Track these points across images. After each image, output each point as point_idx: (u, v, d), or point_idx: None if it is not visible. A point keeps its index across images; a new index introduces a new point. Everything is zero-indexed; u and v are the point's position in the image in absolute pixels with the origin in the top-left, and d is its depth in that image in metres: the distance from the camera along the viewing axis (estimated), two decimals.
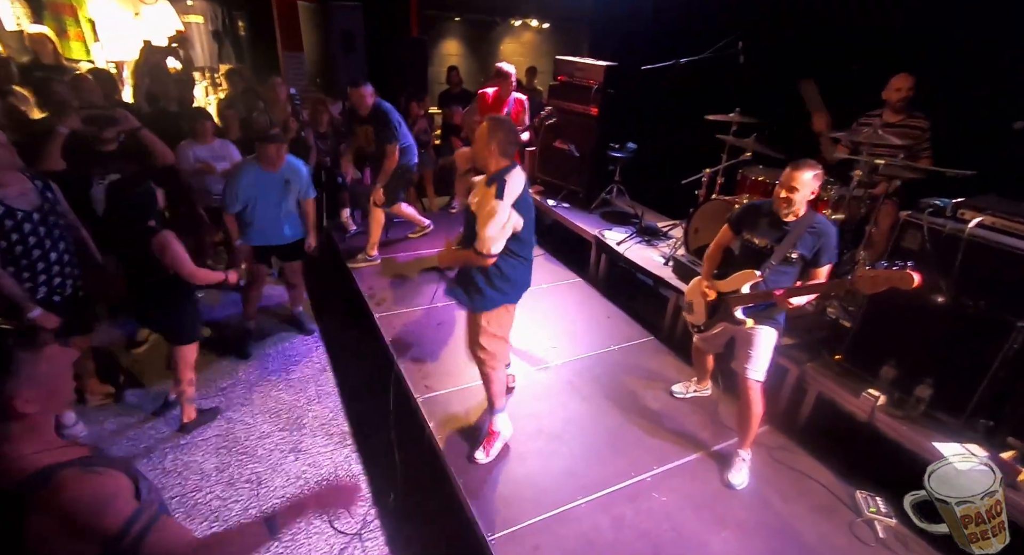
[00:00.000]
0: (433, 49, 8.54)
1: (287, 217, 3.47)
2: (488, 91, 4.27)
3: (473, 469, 2.47)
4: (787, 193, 2.23)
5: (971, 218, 2.36)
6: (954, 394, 2.41)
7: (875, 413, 2.55)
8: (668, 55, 3.96)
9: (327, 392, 3.37)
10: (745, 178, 3.75)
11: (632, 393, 3.09)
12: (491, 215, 2.08)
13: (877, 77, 3.36)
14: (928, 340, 2.47)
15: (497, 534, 2.16)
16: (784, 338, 2.98)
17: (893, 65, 3.33)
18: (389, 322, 3.61)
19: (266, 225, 3.41)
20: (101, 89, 3.72)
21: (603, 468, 2.54)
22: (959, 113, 3.30)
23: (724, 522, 2.31)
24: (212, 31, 7.26)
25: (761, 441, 2.77)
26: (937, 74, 3.28)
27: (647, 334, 3.70)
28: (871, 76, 3.41)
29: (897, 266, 1.92)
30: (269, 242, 3.51)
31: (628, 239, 4.37)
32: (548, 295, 4.16)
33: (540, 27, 8.64)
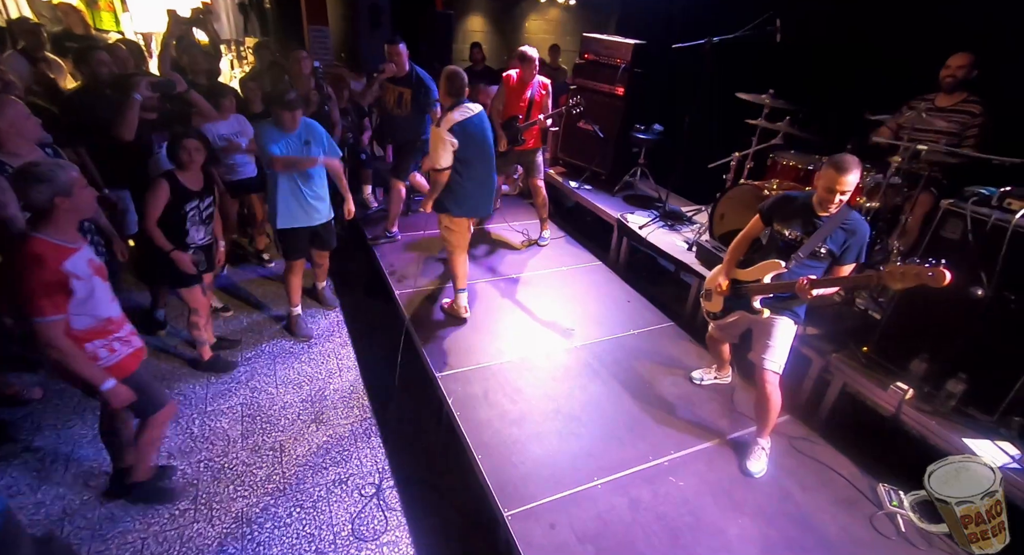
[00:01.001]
0: (457, 24, 8.40)
1: (316, 195, 3.25)
2: (512, 73, 4.16)
3: (492, 447, 2.49)
4: (839, 197, 2.13)
5: (1019, 208, 2.25)
6: (988, 390, 2.34)
7: (902, 407, 2.50)
8: (700, 33, 3.81)
9: (348, 366, 3.42)
10: (776, 163, 3.64)
11: (651, 378, 3.07)
12: (432, 138, 2.96)
13: (932, 58, 3.18)
14: (964, 334, 2.39)
15: (514, 510, 2.18)
16: (808, 328, 2.93)
17: (949, 44, 3.15)
18: (409, 299, 3.64)
19: (292, 201, 3.18)
20: (132, 60, 3.75)
21: (621, 450, 2.54)
22: (1011, 97, 3.12)
23: (742, 509, 2.30)
24: (238, 4, 7.24)
25: (782, 431, 2.74)
26: (992, 55, 3.10)
27: (667, 319, 3.67)
28: (925, 57, 3.23)
29: (930, 263, 1.85)
30: (302, 223, 3.27)
31: (651, 223, 4.29)
32: (568, 277, 4.13)
33: (567, 3, 8.40)
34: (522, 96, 4.14)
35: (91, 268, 1.88)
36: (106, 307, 1.95)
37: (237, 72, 6.81)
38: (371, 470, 2.67)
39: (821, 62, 4.02)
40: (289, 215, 3.22)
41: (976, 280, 2.28)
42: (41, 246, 1.73)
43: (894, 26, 3.62)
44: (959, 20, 3.25)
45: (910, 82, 3.31)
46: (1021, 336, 2.22)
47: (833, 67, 3.96)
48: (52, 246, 1.75)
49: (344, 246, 4.74)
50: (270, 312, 3.88)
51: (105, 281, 1.97)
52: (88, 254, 1.90)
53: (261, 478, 2.57)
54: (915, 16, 3.49)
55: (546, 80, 4.26)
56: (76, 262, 1.81)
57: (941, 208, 2.47)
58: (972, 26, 3.19)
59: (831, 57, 3.96)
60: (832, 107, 3.82)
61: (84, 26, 4.92)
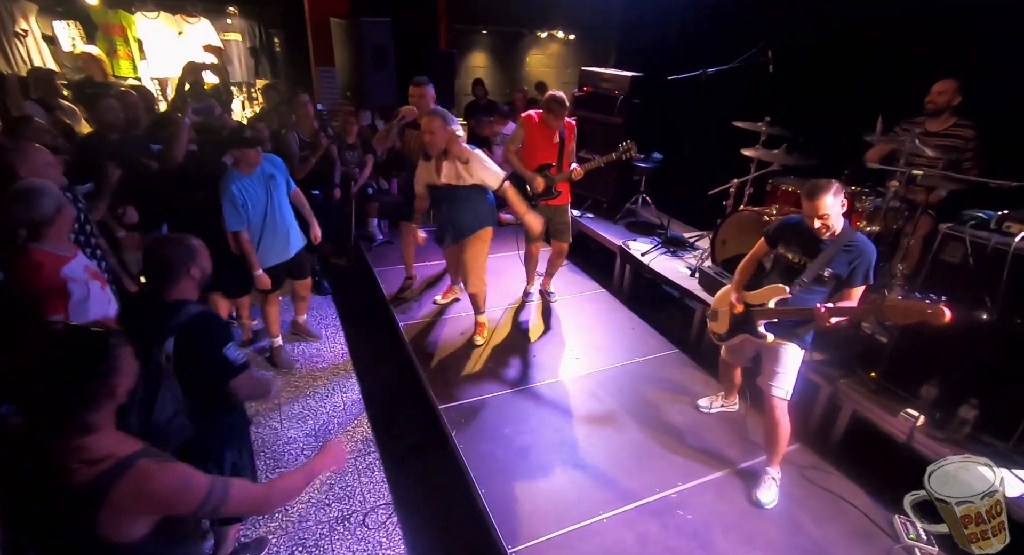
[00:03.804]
0: (460, 61, 8.69)
1: (288, 223, 3.27)
2: (533, 114, 3.62)
3: (496, 480, 2.46)
4: (821, 222, 2.16)
5: (1018, 231, 2.25)
6: (1001, 416, 2.28)
7: (914, 434, 2.44)
8: (696, 65, 3.92)
9: (352, 399, 3.42)
10: (775, 188, 3.68)
11: (657, 406, 3.03)
12: (480, 158, 3.05)
13: (919, 82, 3.24)
14: (973, 358, 2.35)
15: (518, 547, 2.14)
16: (815, 353, 2.90)
17: (935, 69, 3.21)
18: (413, 330, 3.66)
19: (270, 238, 3.20)
20: (143, 103, 3.93)
21: (627, 482, 2.49)
22: (1006, 120, 3.15)
23: (753, 543, 2.24)
24: (249, 48, 7.58)
25: (792, 460, 2.68)
26: (982, 79, 3.15)
27: (672, 347, 3.64)
28: (912, 81, 3.29)
29: (930, 300, 1.86)
30: (280, 258, 3.30)
31: (653, 250, 4.32)
32: (572, 306, 4.14)
33: (567, 38, 8.68)
34: (550, 140, 3.58)
35: (87, 273, 2.03)
36: (103, 308, 2.06)
37: (248, 112, 7.07)
38: (374, 505, 2.63)
39: (815, 88, 4.10)
40: (267, 254, 3.23)
41: (980, 303, 2.26)
42: (40, 256, 1.90)
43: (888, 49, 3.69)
44: (952, 40, 3.31)
45: (905, 103, 3.35)
46: None
47: (828, 92, 4.03)
48: (50, 255, 1.93)
49: (348, 278, 4.81)
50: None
51: (104, 286, 2.11)
52: (83, 261, 2.07)
53: (263, 516, 2.54)
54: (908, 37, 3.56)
55: (572, 121, 3.70)
56: (73, 268, 1.97)
57: (940, 232, 2.47)
58: (963, 46, 3.26)
59: (825, 83, 4.04)
60: (829, 132, 3.87)
61: (103, 74, 5.17)
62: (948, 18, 3.33)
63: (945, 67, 3.19)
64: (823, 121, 3.94)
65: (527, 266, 4.10)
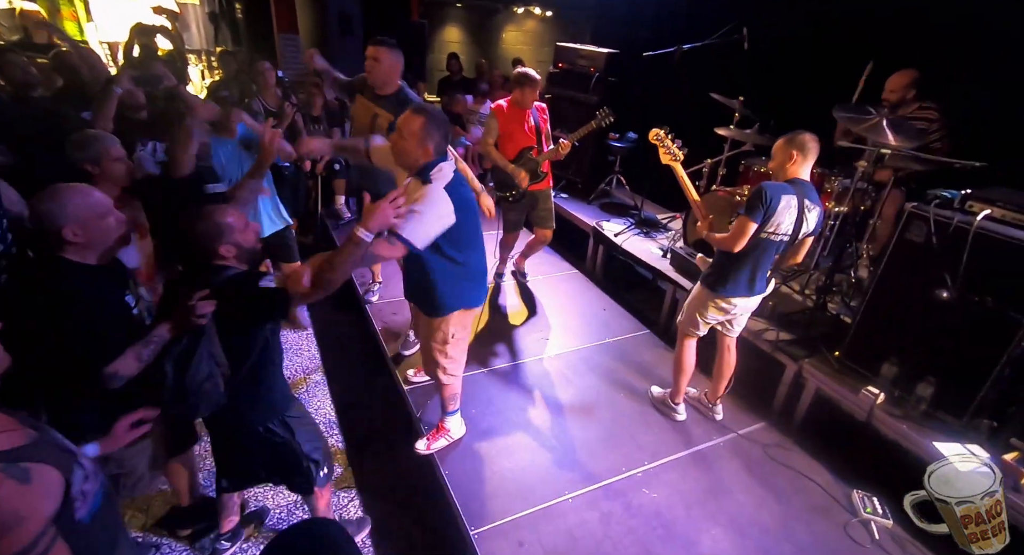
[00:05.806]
0: (433, 35, 8.41)
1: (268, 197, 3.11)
2: (502, 103, 3.42)
3: (460, 461, 2.41)
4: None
5: (980, 210, 2.26)
6: (957, 393, 2.33)
7: (874, 412, 2.48)
8: (672, 42, 3.84)
9: (315, 381, 3.30)
10: (748, 169, 3.65)
11: (626, 387, 3.02)
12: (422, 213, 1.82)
13: (887, 67, 3.24)
14: (931, 337, 2.39)
15: (481, 528, 2.10)
16: (781, 333, 2.92)
17: (901, 54, 3.21)
18: (380, 311, 3.55)
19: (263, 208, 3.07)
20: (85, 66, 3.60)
21: (593, 463, 2.47)
22: (970, 103, 3.18)
23: (715, 519, 2.25)
24: (208, 13, 7.13)
25: (756, 438, 2.71)
26: (946, 64, 3.16)
27: (643, 327, 3.63)
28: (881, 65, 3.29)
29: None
30: (268, 231, 3.14)
31: (626, 230, 4.28)
32: (544, 286, 4.08)
33: (543, 15, 8.47)
34: (524, 125, 3.43)
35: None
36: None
37: (208, 81, 6.70)
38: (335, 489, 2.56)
39: (789, 68, 4.07)
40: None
41: (941, 282, 2.28)
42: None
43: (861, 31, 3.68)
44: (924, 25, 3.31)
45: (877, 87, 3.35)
46: (985, 338, 2.22)
47: (801, 73, 4.01)
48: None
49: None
50: None
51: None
52: None
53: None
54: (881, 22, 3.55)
55: (543, 104, 3.60)
56: None
57: (905, 211, 2.48)
58: (931, 31, 3.26)
59: (799, 63, 4.02)
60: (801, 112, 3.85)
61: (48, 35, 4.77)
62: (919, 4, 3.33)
63: (913, 54, 3.19)
64: (796, 103, 3.92)
65: (502, 253, 3.99)
